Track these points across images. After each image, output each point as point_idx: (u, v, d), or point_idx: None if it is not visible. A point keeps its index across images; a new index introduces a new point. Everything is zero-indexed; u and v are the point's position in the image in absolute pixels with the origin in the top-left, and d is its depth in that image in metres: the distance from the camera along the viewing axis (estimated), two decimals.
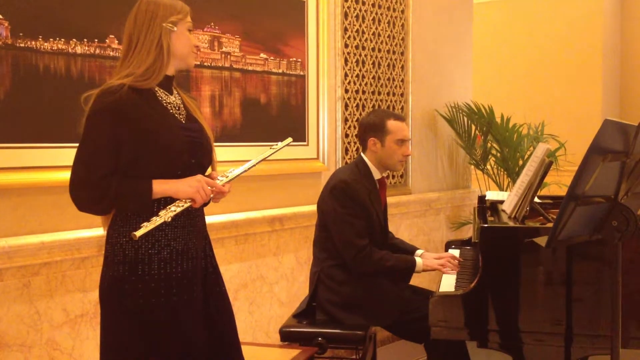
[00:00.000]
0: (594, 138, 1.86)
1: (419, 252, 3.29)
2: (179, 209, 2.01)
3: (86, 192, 1.99)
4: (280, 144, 2.31)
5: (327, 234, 3.13)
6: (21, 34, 2.68)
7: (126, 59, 2.09)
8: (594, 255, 2.58)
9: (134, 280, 2.01)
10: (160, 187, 2.02)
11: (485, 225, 2.75)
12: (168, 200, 2.05)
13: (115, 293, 2.03)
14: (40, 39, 2.74)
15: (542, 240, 2.11)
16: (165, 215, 1.98)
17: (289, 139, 2.34)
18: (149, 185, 2.01)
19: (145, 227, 1.94)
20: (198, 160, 2.14)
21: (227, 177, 2.17)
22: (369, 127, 3.19)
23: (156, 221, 1.96)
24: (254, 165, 2.25)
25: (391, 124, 3.16)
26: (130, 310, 2.01)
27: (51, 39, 2.77)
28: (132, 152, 2.01)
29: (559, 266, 2.58)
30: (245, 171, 2.22)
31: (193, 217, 2.12)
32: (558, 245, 2.13)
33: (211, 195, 2.12)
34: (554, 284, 2.60)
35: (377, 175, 3.23)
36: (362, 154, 3.25)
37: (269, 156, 2.29)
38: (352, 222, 3.05)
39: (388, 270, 3.06)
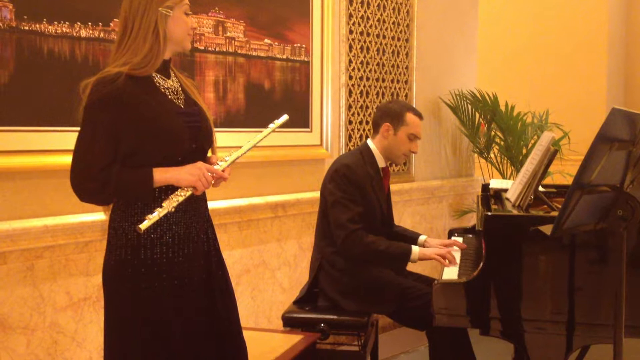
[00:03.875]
0: (601, 126, 1.85)
1: (422, 238, 3.28)
2: (181, 198, 2.01)
3: (87, 183, 1.98)
4: (277, 122, 2.27)
5: (329, 220, 3.13)
6: (25, 16, 2.67)
7: (122, 44, 2.06)
8: (597, 244, 2.57)
9: (136, 264, 2.01)
10: (162, 175, 2.01)
11: (490, 213, 2.74)
12: (169, 189, 2.04)
13: (118, 277, 2.03)
14: (44, 22, 2.73)
15: (546, 229, 2.10)
16: (169, 205, 1.98)
17: (286, 116, 2.29)
18: (149, 174, 2.00)
19: (150, 220, 1.94)
20: (199, 144, 2.14)
21: (226, 161, 2.15)
22: (388, 113, 3.20)
23: (160, 212, 1.96)
24: (253, 147, 2.20)
25: (410, 117, 3.18)
26: (133, 294, 2.02)
27: (55, 22, 2.76)
28: (131, 141, 2.00)
29: (561, 255, 2.58)
30: (243, 153, 2.19)
31: (195, 201, 2.12)
32: (563, 234, 2.12)
33: (212, 182, 2.10)
34: (557, 273, 2.59)
35: (381, 163, 3.22)
36: (367, 141, 3.25)
37: (266, 135, 2.23)
38: (348, 205, 3.04)
39: (379, 255, 3.03)
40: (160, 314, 2.03)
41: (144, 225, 1.93)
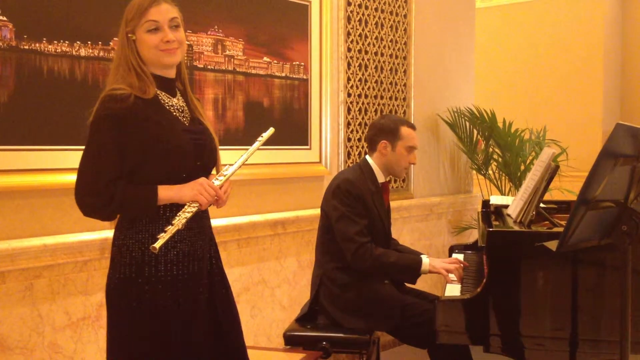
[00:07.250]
0: (606, 142, 1.85)
1: (423, 257, 3.28)
2: (189, 214, 2.00)
3: (92, 198, 1.98)
4: (265, 135, 2.27)
5: (331, 236, 3.12)
6: (25, 36, 2.67)
7: (116, 69, 2.06)
8: (599, 260, 2.57)
9: (140, 282, 2.00)
10: (165, 193, 2.01)
11: (492, 229, 2.74)
12: (174, 206, 2.04)
13: (121, 294, 2.02)
14: (44, 41, 2.73)
15: (552, 245, 2.10)
16: (179, 222, 1.97)
17: (272, 129, 2.30)
18: (154, 191, 2.00)
19: (163, 238, 1.94)
20: (203, 162, 2.14)
21: (224, 176, 2.14)
22: (382, 130, 3.21)
23: (171, 230, 1.95)
24: (246, 160, 2.21)
25: (405, 130, 3.19)
26: (137, 312, 2.00)
27: (55, 41, 2.76)
28: (137, 157, 2.00)
29: (564, 271, 2.58)
30: (238, 168, 2.18)
31: (199, 219, 2.11)
32: (567, 250, 2.12)
33: (215, 196, 2.09)
34: (559, 289, 2.59)
35: (381, 178, 3.23)
36: (366, 157, 3.26)
37: (255, 149, 2.24)
38: (354, 219, 3.04)
39: (390, 267, 3.04)
40: (164, 331, 2.01)
41: (158, 244, 1.92)
